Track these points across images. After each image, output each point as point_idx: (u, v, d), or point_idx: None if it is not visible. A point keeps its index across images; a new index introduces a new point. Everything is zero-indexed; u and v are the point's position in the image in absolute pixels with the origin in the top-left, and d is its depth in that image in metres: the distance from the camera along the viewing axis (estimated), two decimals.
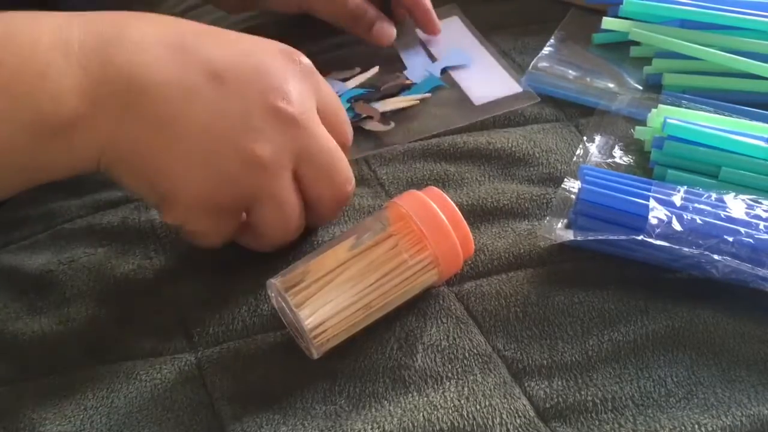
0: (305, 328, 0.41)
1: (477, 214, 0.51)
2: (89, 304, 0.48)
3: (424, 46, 0.66)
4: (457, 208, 0.44)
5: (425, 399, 0.41)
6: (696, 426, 0.40)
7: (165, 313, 0.47)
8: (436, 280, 0.45)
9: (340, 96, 0.59)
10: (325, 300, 0.41)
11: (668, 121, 0.52)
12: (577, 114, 0.59)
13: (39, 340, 0.46)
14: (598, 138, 0.56)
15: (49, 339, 0.46)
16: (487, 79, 0.62)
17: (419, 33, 0.67)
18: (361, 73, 0.63)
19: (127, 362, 0.44)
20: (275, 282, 0.42)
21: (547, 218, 0.49)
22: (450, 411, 0.41)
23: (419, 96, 0.60)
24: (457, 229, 0.43)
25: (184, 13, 0.77)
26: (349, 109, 0.59)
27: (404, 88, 0.61)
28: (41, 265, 0.50)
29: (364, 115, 0.58)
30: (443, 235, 0.43)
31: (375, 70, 0.62)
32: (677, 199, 0.47)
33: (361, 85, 0.61)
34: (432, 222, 0.43)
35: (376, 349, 0.44)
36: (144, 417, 0.42)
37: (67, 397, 0.43)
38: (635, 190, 0.48)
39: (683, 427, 0.40)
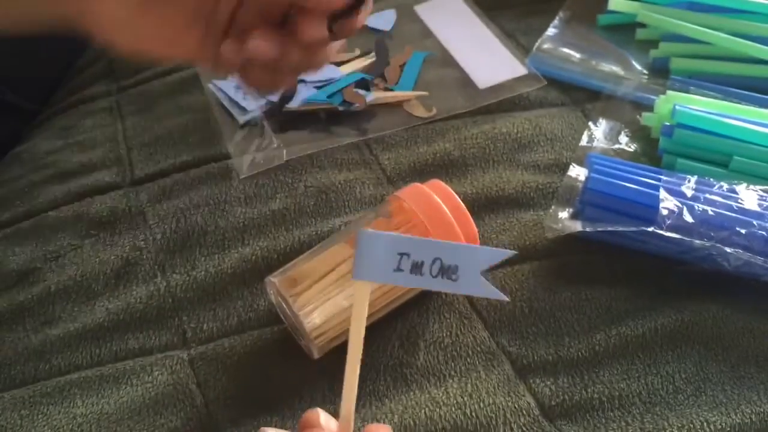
0: (307, 329, 0.39)
1: (481, 204, 0.49)
2: (75, 302, 0.46)
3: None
4: (461, 202, 0.42)
5: (427, 396, 0.40)
6: (704, 423, 0.39)
7: (156, 309, 0.45)
8: None
9: (335, 81, 0.58)
10: (325, 299, 0.39)
11: (678, 108, 0.50)
12: (584, 98, 0.57)
13: (23, 343, 0.44)
14: (603, 124, 0.54)
15: (34, 342, 0.44)
16: (491, 62, 0.60)
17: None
18: (359, 57, 0.61)
19: (117, 364, 0.43)
20: (274, 281, 0.41)
21: (552, 207, 0.48)
22: (453, 409, 0.39)
23: (412, 93, 0.58)
24: (461, 224, 0.41)
25: None
26: (337, 93, 0.57)
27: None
28: (26, 261, 0.48)
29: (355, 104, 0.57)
30: (447, 230, 0.41)
31: (372, 57, 0.61)
32: (688, 189, 0.46)
33: (360, 70, 0.60)
34: (435, 216, 0.41)
35: (378, 347, 0.42)
36: (135, 423, 0.40)
37: (54, 405, 0.41)
38: (644, 179, 0.46)
39: (691, 425, 0.39)
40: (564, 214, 0.47)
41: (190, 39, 0.39)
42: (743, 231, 0.43)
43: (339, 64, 0.60)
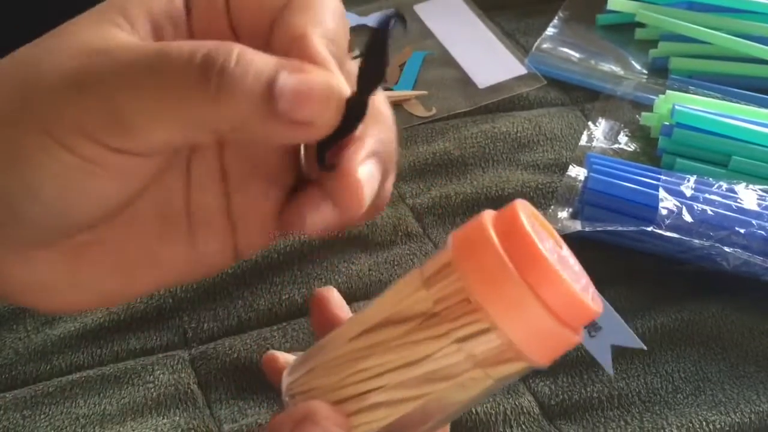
0: None
1: (481, 204, 0.49)
2: None
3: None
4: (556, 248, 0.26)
5: None
6: (704, 423, 0.39)
7: (156, 309, 0.45)
8: (524, 367, 0.26)
9: None
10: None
11: (677, 108, 0.50)
12: (583, 98, 0.58)
13: (23, 343, 0.44)
14: (603, 123, 0.54)
15: (35, 342, 0.44)
16: (491, 62, 0.60)
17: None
18: (359, 57, 0.61)
19: (118, 364, 0.43)
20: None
21: (552, 207, 0.48)
22: None
23: (412, 93, 0.58)
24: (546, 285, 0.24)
25: None
26: None
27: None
28: None
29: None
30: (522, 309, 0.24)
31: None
32: (687, 189, 0.46)
33: None
34: (502, 287, 0.24)
35: None
36: (138, 424, 0.40)
37: (56, 405, 0.41)
38: (644, 179, 0.46)
39: (690, 424, 0.39)
40: (564, 214, 0.48)
41: (171, 257, 0.27)
42: (742, 230, 0.44)
43: None
